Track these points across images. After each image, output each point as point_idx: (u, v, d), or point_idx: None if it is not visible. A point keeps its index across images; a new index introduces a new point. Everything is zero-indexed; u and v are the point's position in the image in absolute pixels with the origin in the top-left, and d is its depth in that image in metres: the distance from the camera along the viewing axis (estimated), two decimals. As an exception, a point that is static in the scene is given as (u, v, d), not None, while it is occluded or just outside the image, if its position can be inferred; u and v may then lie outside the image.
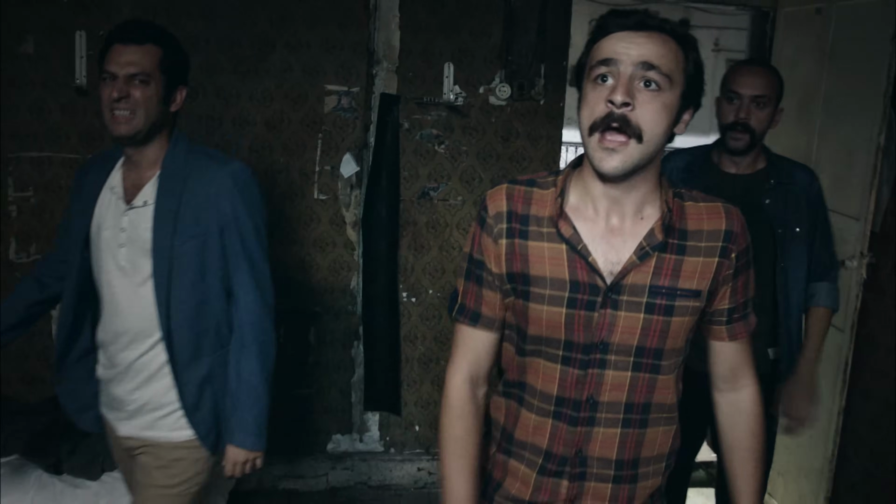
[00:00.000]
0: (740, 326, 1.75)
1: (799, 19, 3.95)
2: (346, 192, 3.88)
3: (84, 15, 3.59)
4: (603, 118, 1.49)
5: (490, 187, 2.24)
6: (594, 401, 1.64)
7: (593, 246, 1.60)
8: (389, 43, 3.80)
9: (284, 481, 4.05)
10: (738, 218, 1.68)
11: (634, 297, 1.59)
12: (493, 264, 1.67)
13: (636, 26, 1.52)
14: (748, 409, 1.80)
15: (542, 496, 1.71)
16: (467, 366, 1.76)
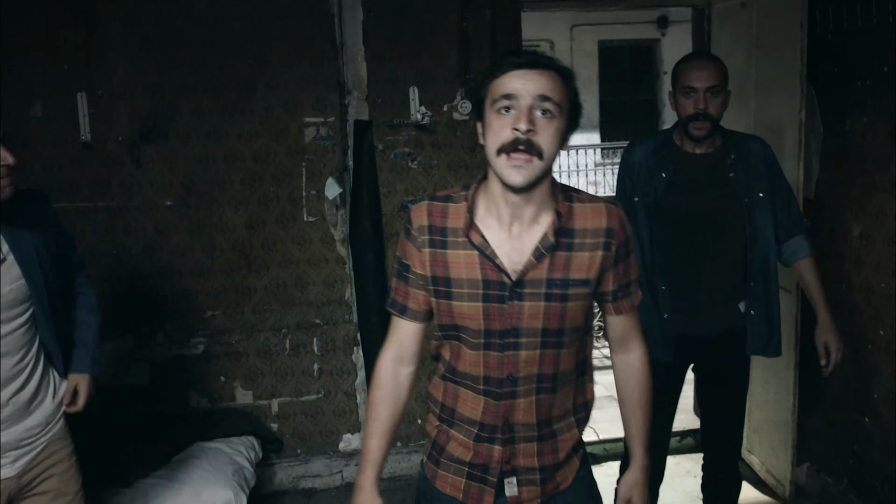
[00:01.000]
0: (625, 303, 2.10)
1: (729, 13, 4.33)
2: (332, 212, 4.27)
3: (84, 77, 3.99)
4: (511, 142, 1.83)
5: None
6: (513, 377, 1.99)
7: (499, 250, 1.94)
8: (358, 74, 4.19)
9: (303, 481, 4.42)
10: (618, 215, 2.01)
11: (535, 290, 1.94)
12: (417, 268, 2.03)
13: (529, 65, 1.85)
14: (637, 368, 2.18)
15: (479, 459, 2.06)
16: (394, 348, 2.12)
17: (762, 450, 4.24)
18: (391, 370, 2.12)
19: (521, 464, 2.05)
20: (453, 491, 2.09)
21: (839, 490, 3.83)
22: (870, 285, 3.52)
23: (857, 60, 3.54)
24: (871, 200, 3.48)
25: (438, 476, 2.12)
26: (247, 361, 4.31)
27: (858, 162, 3.55)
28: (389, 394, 2.11)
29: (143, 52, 4.03)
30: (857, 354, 3.63)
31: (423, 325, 2.11)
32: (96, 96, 4.01)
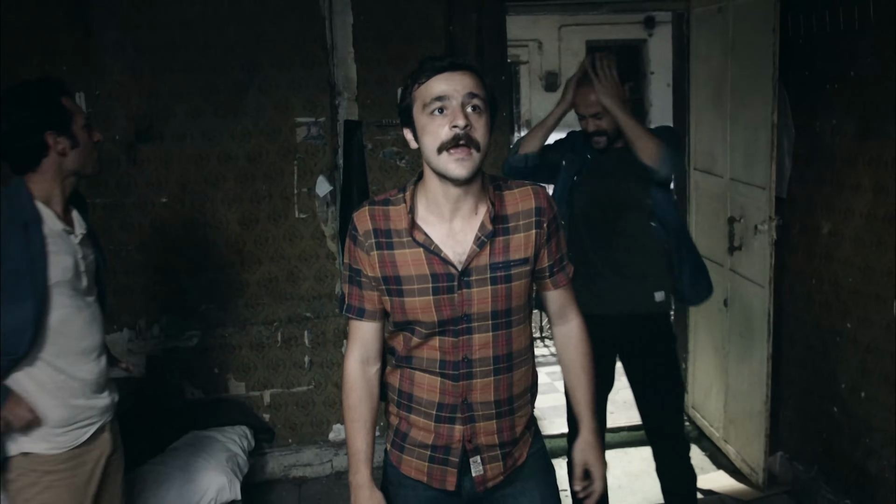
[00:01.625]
0: (561, 276, 2.27)
1: (706, 18, 4.47)
2: (322, 209, 4.41)
3: (81, 79, 4.12)
4: (451, 139, 1.96)
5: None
6: (468, 359, 2.13)
7: (443, 244, 2.08)
8: (348, 76, 4.33)
9: (293, 469, 4.56)
10: (544, 195, 2.17)
11: (480, 276, 2.08)
12: (368, 270, 2.13)
13: (452, 67, 1.99)
14: (577, 335, 2.34)
15: (441, 440, 2.18)
16: (358, 350, 2.23)
17: (737, 439, 4.39)
18: (360, 371, 2.22)
19: (483, 442, 2.18)
20: (418, 474, 2.21)
21: (809, 477, 3.98)
22: (838, 280, 3.67)
23: (826, 64, 3.69)
24: (840, 199, 3.63)
25: (403, 461, 2.23)
26: (240, 354, 4.44)
27: (828, 162, 3.70)
28: (363, 394, 2.22)
29: (139, 56, 4.16)
30: (826, 346, 3.78)
31: (381, 323, 2.22)
32: (94, 97, 4.14)
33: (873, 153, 3.40)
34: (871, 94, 3.39)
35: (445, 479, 2.19)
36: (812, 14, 3.74)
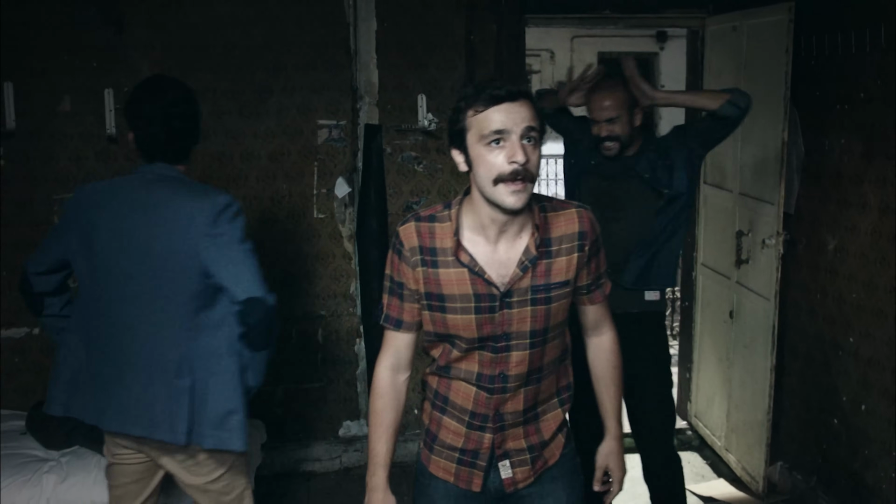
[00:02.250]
0: (597, 294, 2.33)
1: (720, 36, 4.58)
2: (340, 210, 4.51)
3: (111, 75, 4.23)
4: (510, 173, 1.98)
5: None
6: (505, 374, 2.21)
7: (487, 266, 2.12)
8: (370, 81, 4.44)
9: (303, 464, 4.66)
10: (588, 218, 2.21)
11: (522, 297, 2.14)
12: (411, 284, 2.18)
13: (510, 98, 1.99)
14: (609, 348, 2.42)
15: (470, 445, 2.28)
16: (390, 358, 2.30)
17: (738, 448, 4.49)
18: (390, 379, 2.30)
19: (511, 446, 2.27)
20: (445, 474, 2.31)
21: (809, 487, 4.08)
22: (842, 295, 3.77)
23: (836, 85, 3.79)
24: (845, 216, 3.73)
25: (432, 461, 2.33)
26: (254, 349, 4.53)
27: (835, 180, 3.81)
28: (391, 401, 2.30)
29: (167, 54, 4.27)
30: (828, 359, 3.88)
31: (416, 334, 2.29)
32: (122, 93, 4.23)
33: (879, 173, 3.50)
34: (878, 116, 3.50)
35: (472, 480, 2.29)
36: (824, 36, 3.84)
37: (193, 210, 2.64)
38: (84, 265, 2.74)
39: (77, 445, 3.84)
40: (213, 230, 2.63)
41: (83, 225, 2.71)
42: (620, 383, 2.44)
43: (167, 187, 2.72)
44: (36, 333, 4.35)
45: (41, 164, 4.25)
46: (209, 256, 2.61)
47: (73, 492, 3.58)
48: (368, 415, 2.35)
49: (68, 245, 2.76)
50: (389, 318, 2.27)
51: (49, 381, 2.87)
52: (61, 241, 2.79)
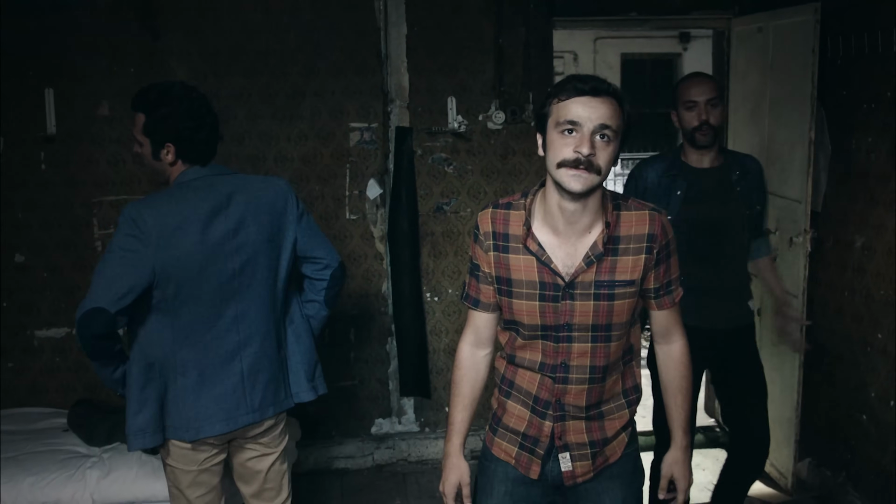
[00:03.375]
0: (666, 300, 2.34)
1: (747, 37, 4.62)
2: (372, 211, 4.59)
3: (147, 80, 4.26)
4: (572, 160, 2.06)
5: (493, 199, 2.88)
6: (566, 364, 2.27)
7: (554, 255, 2.20)
8: (400, 84, 4.52)
9: (336, 461, 4.74)
10: (660, 221, 2.23)
11: (585, 291, 2.20)
12: (485, 267, 2.32)
13: (592, 92, 2.06)
14: (678, 358, 2.43)
15: (532, 430, 2.35)
16: (471, 335, 2.45)
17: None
18: (469, 353, 2.44)
19: (572, 440, 2.32)
20: (506, 457, 2.40)
21: (837, 483, 4.11)
22: (870, 292, 3.81)
23: (863, 85, 3.83)
24: (873, 214, 3.77)
25: (495, 443, 2.43)
26: (288, 348, 4.62)
27: (862, 178, 3.84)
28: (469, 373, 2.44)
29: (203, 60, 4.36)
30: (857, 357, 3.91)
31: (495, 315, 2.40)
32: (159, 98, 4.34)
33: (907, 171, 3.54)
34: (907, 115, 3.54)
35: (530, 467, 2.36)
36: (851, 36, 3.88)
37: (271, 196, 2.87)
38: (169, 282, 2.70)
39: (118, 442, 3.93)
40: (296, 210, 2.91)
41: (160, 243, 2.67)
42: (689, 393, 2.45)
43: (232, 183, 2.86)
44: (75, 333, 4.43)
45: (81, 168, 4.36)
46: (301, 233, 2.93)
47: (115, 487, 3.67)
48: (450, 386, 2.48)
49: (146, 271, 2.66)
50: (469, 297, 2.41)
51: (132, 418, 2.80)
52: (145, 263, 2.66)
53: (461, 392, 2.44)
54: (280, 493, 3.14)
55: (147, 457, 3.80)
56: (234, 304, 2.80)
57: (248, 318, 2.84)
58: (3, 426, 4.12)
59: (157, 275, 2.68)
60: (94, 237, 4.41)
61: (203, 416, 2.81)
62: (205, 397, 2.80)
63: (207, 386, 2.80)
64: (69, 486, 3.64)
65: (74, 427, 4.05)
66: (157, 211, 2.73)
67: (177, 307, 2.74)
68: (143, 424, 2.80)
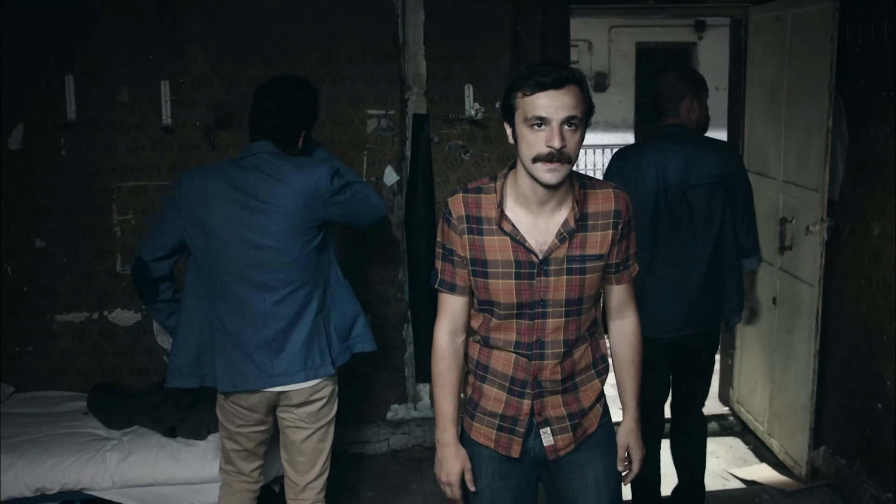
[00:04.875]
0: (624, 274, 2.46)
1: (764, 25, 4.61)
2: (389, 198, 4.61)
3: (166, 67, 4.36)
4: (546, 154, 2.13)
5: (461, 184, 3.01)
6: (541, 341, 2.35)
7: (527, 234, 2.28)
8: (417, 71, 4.54)
9: (352, 446, 4.77)
10: (624, 199, 2.36)
11: (558, 266, 2.30)
12: (459, 251, 2.36)
13: (555, 84, 2.12)
14: (631, 331, 2.53)
15: (510, 411, 2.41)
16: (448, 322, 2.47)
17: (781, 433, 4.53)
18: (449, 341, 2.46)
19: (551, 414, 2.40)
20: (486, 440, 2.44)
21: (852, 471, 4.12)
22: (887, 280, 3.81)
23: (882, 73, 3.82)
24: (891, 202, 3.76)
25: (473, 427, 2.47)
26: (305, 334, 4.65)
27: (880, 167, 3.84)
28: (451, 362, 2.46)
29: (221, 47, 4.39)
30: (873, 345, 3.92)
31: (469, 299, 2.45)
32: (177, 85, 4.38)
33: (926, 159, 3.53)
34: (926, 103, 3.53)
35: (511, 446, 2.41)
36: (870, 24, 3.87)
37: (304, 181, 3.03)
38: (196, 247, 3.04)
39: (137, 425, 3.99)
40: (328, 192, 3.05)
41: (188, 210, 3.02)
42: (640, 366, 2.55)
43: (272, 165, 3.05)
44: (95, 318, 4.50)
45: (100, 154, 4.39)
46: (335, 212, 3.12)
47: (135, 469, 3.72)
48: (432, 377, 2.49)
49: (183, 228, 3.04)
50: (444, 283, 2.44)
51: (172, 357, 3.11)
52: (176, 225, 3.05)
53: (448, 381, 2.46)
54: (312, 469, 3.28)
55: (166, 440, 3.86)
56: (260, 273, 2.99)
57: (276, 287, 3.01)
58: (24, 409, 4.19)
59: (187, 237, 3.04)
60: (113, 223, 4.45)
61: (222, 373, 3.03)
62: (230, 355, 3.02)
63: (233, 346, 3.02)
64: (90, 468, 3.70)
65: (94, 410, 4.10)
66: (193, 182, 3.05)
67: (208, 268, 3.01)
68: (179, 364, 3.07)
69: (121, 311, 4.52)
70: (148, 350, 4.57)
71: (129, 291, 4.48)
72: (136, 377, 4.57)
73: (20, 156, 4.34)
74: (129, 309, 4.53)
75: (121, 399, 4.13)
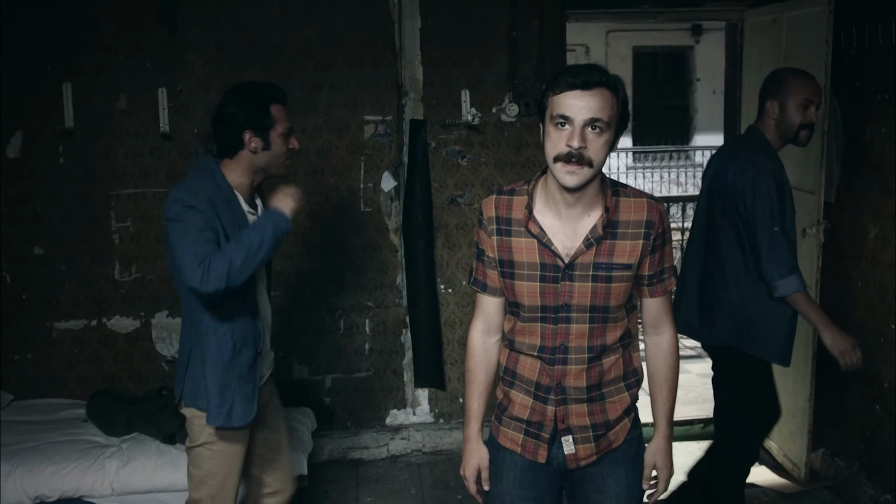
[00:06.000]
0: (658, 288, 2.38)
1: (760, 28, 4.63)
2: (387, 203, 4.62)
3: (164, 74, 4.38)
4: (565, 154, 2.11)
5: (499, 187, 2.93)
6: (565, 346, 2.32)
7: (555, 237, 2.26)
8: (414, 77, 4.55)
9: (352, 452, 4.77)
10: (657, 209, 2.29)
11: (584, 272, 2.25)
12: (489, 251, 2.37)
13: (583, 86, 2.10)
14: (666, 348, 2.46)
15: (535, 416, 2.40)
16: (481, 321, 2.49)
17: (780, 436, 4.53)
18: (481, 340, 2.48)
19: (575, 423, 2.36)
20: (512, 445, 2.44)
21: (851, 473, 4.12)
22: (884, 282, 3.82)
23: (877, 75, 3.84)
24: (887, 204, 3.77)
25: (501, 432, 2.47)
26: (304, 339, 4.67)
27: (877, 168, 3.85)
28: (482, 360, 2.48)
29: (220, 53, 4.40)
30: (871, 347, 3.92)
31: (502, 299, 2.44)
32: (175, 92, 4.39)
33: (922, 161, 3.55)
34: (921, 105, 3.55)
35: (537, 452, 2.40)
36: (865, 27, 3.89)
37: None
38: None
39: (136, 432, 3.99)
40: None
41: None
42: (675, 385, 2.49)
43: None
44: (94, 325, 4.51)
45: (99, 161, 4.40)
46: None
47: (135, 476, 3.73)
48: (465, 373, 2.52)
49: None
50: (477, 282, 2.46)
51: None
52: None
53: (476, 379, 2.49)
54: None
55: (165, 446, 3.86)
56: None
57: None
58: (24, 417, 4.19)
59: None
60: (111, 230, 4.46)
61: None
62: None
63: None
64: (89, 475, 3.70)
65: (93, 417, 4.10)
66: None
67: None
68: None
69: (119, 318, 4.53)
70: (147, 357, 4.58)
71: (128, 298, 4.50)
72: (135, 384, 4.57)
73: (19, 163, 4.36)
74: (128, 316, 4.53)
75: (120, 406, 4.14)
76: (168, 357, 4.56)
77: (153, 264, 4.50)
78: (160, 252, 4.46)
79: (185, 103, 4.41)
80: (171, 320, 4.53)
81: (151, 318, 4.55)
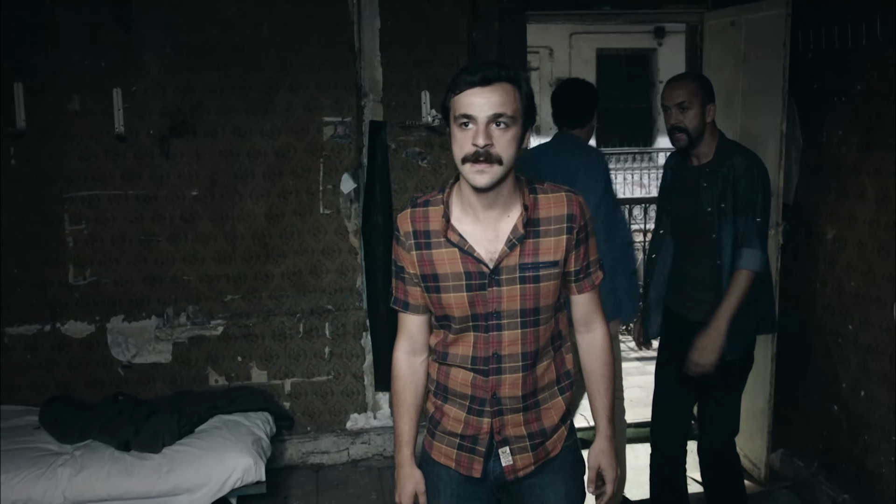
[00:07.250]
0: (586, 283, 2.33)
1: (720, 31, 4.64)
2: (346, 206, 4.58)
3: (119, 75, 4.30)
4: (472, 154, 2.06)
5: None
6: (498, 355, 2.27)
7: (476, 244, 2.20)
8: (374, 78, 4.51)
9: (311, 456, 4.73)
10: (577, 202, 2.25)
11: (510, 275, 2.20)
12: (409, 268, 2.30)
13: (482, 82, 2.06)
14: (600, 345, 2.40)
15: (469, 430, 2.34)
16: (406, 342, 2.40)
17: (740, 436, 4.46)
18: (407, 362, 2.40)
19: (511, 433, 2.32)
20: (447, 460, 2.37)
21: (810, 473, 4.15)
22: (841, 284, 3.84)
23: (834, 78, 3.87)
24: (844, 206, 3.80)
25: (434, 447, 2.39)
26: (263, 343, 4.62)
27: (833, 171, 3.88)
28: (409, 383, 2.40)
29: (176, 53, 4.34)
30: (828, 347, 3.95)
31: (427, 317, 2.37)
32: (131, 93, 4.32)
33: (877, 164, 3.57)
34: (876, 108, 3.57)
35: (472, 466, 2.34)
36: (822, 30, 3.91)
37: None
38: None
39: (91, 439, 3.92)
40: None
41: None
42: (611, 382, 2.44)
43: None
44: (47, 330, 4.42)
45: (52, 163, 4.32)
46: None
47: (87, 484, 3.67)
48: (392, 396, 2.44)
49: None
50: (398, 301, 2.37)
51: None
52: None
53: (405, 402, 2.40)
54: None
55: (120, 453, 3.81)
56: None
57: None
58: (-27, 424, 4.10)
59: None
60: (65, 233, 4.37)
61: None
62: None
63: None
64: (40, 484, 3.63)
65: (46, 424, 4.03)
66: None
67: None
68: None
69: (74, 323, 4.44)
70: (103, 362, 4.49)
71: (83, 302, 4.42)
72: (90, 390, 4.48)
73: (-32, 165, 4.26)
74: (83, 321, 4.45)
75: (74, 412, 4.07)
76: (124, 362, 4.49)
77: (108, 268, 4.42)
78: (115, 255, 4.39)
79: (140, 104, 4.34)
80: (128, 325, 4.46)
81: (107, 323, 4.47)
